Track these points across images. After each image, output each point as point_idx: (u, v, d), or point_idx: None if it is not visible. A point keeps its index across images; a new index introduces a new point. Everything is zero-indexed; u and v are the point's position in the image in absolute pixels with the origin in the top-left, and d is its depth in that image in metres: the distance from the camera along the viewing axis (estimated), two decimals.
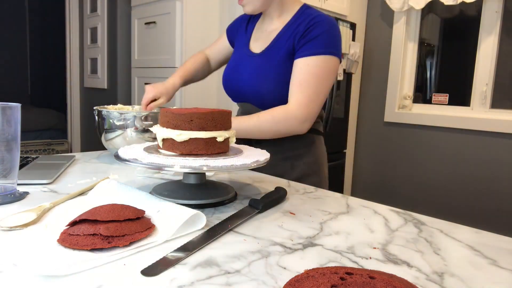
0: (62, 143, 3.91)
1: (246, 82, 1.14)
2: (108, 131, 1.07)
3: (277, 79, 1.09)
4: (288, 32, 1.10)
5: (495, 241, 0.63)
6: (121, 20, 2.85)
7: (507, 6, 2.30)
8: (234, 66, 1.20)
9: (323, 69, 1.05)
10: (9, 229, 0.57)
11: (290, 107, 1.05)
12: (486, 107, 2.38)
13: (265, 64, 1.11)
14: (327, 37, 1.05)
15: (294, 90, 1.05)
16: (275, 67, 1.09)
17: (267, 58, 1.11)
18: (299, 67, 1.05)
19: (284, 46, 1.09)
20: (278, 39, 1.11)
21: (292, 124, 1.05)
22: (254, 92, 1.12)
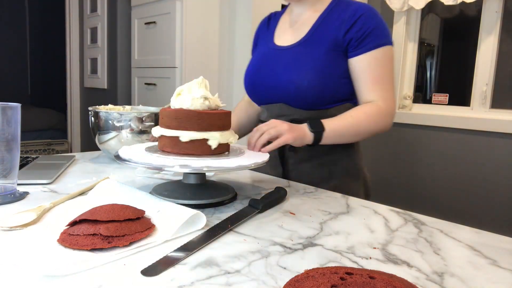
0: (62, 143, 3.91)
1: (280, 77, 1.02)
2: (102, 133, 1.05)
3: (320, 72, 0.98)
4: (327, 22, 1.02)
5: (495, 241, 0.63)
6: (121, 20, 2.85)
7: (507, 6, 2.30)
8: (259, 64, 1.09)
9: (390, 60, 1.00)
10: (9, 229, 0.57)
11: (381, 104, 0.97)
12: (486, 107, 2.38)
13: (303, 56, 1.01)
14: (382, 27, 0.99)
15: (371, 87, 0.98)
16: (317, 59, 0.99)
17: (305, 50, 1.01)
18: (367, 62, 0.98)
19: (326, 36, 1.00)
20: (316, 29, 1.02)
21: (386, 121, 0.98)
22: (292, 88, 1.00)
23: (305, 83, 0.98)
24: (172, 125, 0.73)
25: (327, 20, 1.02)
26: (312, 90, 0.98)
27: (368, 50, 0.97)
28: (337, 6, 1.03)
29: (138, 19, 2.69)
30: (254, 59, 1.14)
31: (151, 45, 2.60)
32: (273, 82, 1.04)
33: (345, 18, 0.99)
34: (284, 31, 1.10)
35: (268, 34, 1.14)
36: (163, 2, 2.44)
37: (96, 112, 1.05)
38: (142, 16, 2.65)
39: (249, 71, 1.13)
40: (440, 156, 2.48)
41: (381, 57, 0.98)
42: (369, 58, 0.98)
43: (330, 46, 0.99)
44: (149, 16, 2.58)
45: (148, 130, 1.05)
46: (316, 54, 0.99)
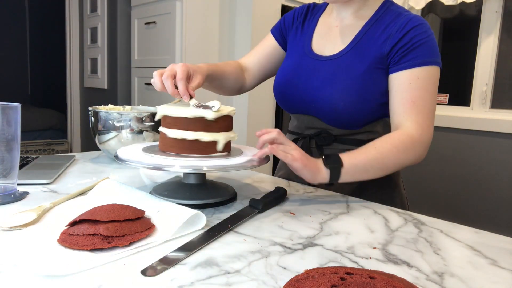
0: (62, 143, 3.91)
1: (315, 91, 0.92)
2: (102, 133, 1.05)
3: (359, 92, 0.88)
4: (372, 32, 0.90)
5: (495, 241, 0.63)
6: (121, 20, 2.85)
7: (507, 6, 2.30)
8: (293, 70, 0.98)
9: (434, 82, 0.86)
10: (9, 229, 0.57)
11: (413, 132, 0.83)
12: (486, 107, 2.38)
13: (342, 72, 0.90)
14: (432, 44, 0.86)
15: (407, 109, 0.84)
16: (359, 78, 0.88)
17: (347, 64, 0.90)
18: (407, 80, 0.85)
19: (370, 51, 0.89)
20: (360, 41, 0.91)
21: (419, 152, 0.84)
22: (326, 105, 0.90)
23: (340, 105, 0.89)
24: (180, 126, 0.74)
25: (373, 31, 0.91)
26: (347, 112, 0.89)
27: (411, 67, 0.85)
28: (386, 15, 0.91)
29: (138, 19, 2.69)
30: (288, 63, 1.01)
31: (151, 45, 2.60)
32: (306, 95, 0.94)
33: (393, 31, 0.87)
34: (323, 35, 0.99)
35: (304, 37, 1.02)
36: (163, 2, 2.44)
37: (96, 112, 1.05)
38: (142, 16, 2.65)
39: (281, 77, 1.01)
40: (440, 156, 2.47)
41: (425, 77, 0.85)
42: (411, 76, 0.85)
43: (373, 63, 0.88)
44: (149, 16, 2.58)
45: (148, 130, 1.05)
46: (357, 71, 0.88)
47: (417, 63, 0.85)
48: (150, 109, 1.16)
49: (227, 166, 0.68)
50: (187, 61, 2.41)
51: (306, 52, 0.98)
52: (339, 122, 0.92)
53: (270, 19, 2.51)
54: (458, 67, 2.67)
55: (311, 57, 0.96)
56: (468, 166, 2.41)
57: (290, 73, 0.99)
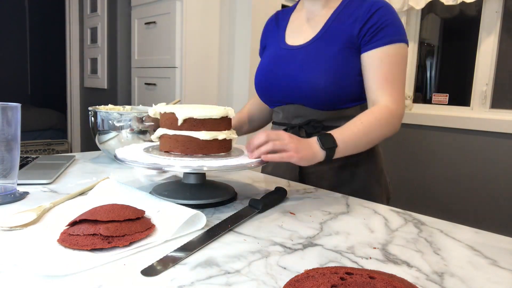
0: (62, 143, 3.91)
1: (295, 78, 0.97)
2: (102, 133, 1.05)
3: (335, 71, 0.93)
4: (341, 18, 0.97)
5: (495, 241, 0.63)
6: (121, 20, 2.85)
7: (507, 6, 2.30)
8: (270, 64, 1.04)
9: (403, 58, 0.93)
10: (9, 229, 0.57)
11: (391, 106, 0.90)
12: (486, 107, 2.38)
13: (318, 54, 0.96)
14: (398, 23, 0.93)
15: (381, 85, 0.91)
16: (332, 58, 0.94)
17: (321, 48, 0.96)
18: (378, 58, 0.92)
19: (340, 33, 0.95)
20: (330, 26, 0.98)
21: (397, 124, 0.92)
22: (308, 89, 0.95)
23: (321, 84, 0.93)
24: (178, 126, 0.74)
25: (341, 16, 0.98)
26: (328, 90, 0.94)
27: (381, 45, 0.92)
28: (352, 2, 0.98)
29: (138, 19, 2.69)
30: (265, 60, 1.08)
31: (151, 45, 2.60)
32: (287, 83, 0.99)
33: (360, 13, 0.94)
34: (295, 29, 1.05)
35: (278, 34, 1.09)
36: (163, 2, 2.44)
37: (96, 112, 1.05)
38: (142, 16, 2.65)
39: (260, 73, 1.07)
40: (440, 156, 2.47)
41: (394, 54, 0.92)
42: (381, 53, 0.92)
43: (345, 44, 0.95)
44: (149, 16, 2.58)
45: (148, 130, 1.05)
46: (331, 52, 0.95)
47: (386, 42, 0.92)
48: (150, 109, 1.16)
49: (227, 166, 0.68)
50: (187, 61, 2.41)
51: (281, 46, 1.04)
52: (322, 103, 0.96)
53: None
54: (458, 67, 2.67)
55: (286, 48, 1.03)
56: (468, 166, 2.41)
57: (267, 66, 1.05)
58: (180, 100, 0.81)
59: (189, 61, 2.42)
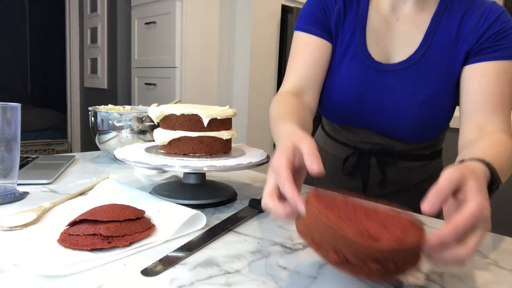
0: (62, 143, 3.91)
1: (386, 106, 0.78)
2: (102, 133, 1.05)
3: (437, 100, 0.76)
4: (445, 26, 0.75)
5: (495, 241, 0.63)
6: (121, 20, 2.85)
7: (507, 6, 2.30)
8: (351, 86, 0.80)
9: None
10: (9, 229, 0.57)
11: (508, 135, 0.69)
12: None
13: (420, 80, 0.76)
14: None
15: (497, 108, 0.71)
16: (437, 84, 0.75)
17: (423, 71, 0.76)
18: (495, 73, 0.71)
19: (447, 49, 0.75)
20: (433, 39, 0.76)
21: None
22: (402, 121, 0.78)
23: (417, 116, 0.77)
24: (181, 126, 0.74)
25: (444, 24, 0.76)
26: (423, 123, 0.78)
27: (499, 58, 0.71)
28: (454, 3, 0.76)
29: (138, 19, 2.69)
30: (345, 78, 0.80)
31: (151, 45, 2.60)
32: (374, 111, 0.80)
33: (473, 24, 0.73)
34: (380, 33, 0.79)
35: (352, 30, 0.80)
36: (163, 2, 2.44)
37: (96, 112, 1.05)
38: (142, 16, 2.65)
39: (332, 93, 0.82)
40: None
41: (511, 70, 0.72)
42: (499, 68, 0.71)
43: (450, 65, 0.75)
44: (149, 16, 2.58)
45: (148, 130, 1.05)
46: (435, 77, 0.75)
47: (505, 55, 0.71)
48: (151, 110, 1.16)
49: (227, 166, 0.68)
50: (187, 61, 2.41)
51: (364, 60, 0.79)
52: (409, 137, 0.80)
53: (270, 19, 2.51)
54: None
55: (374, 67, 0.78)
56: None
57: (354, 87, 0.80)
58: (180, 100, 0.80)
59: (189, 61, 2.42)
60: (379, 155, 0.85)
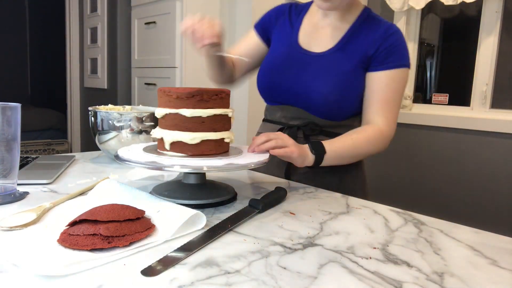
0: (62, 143, 3.91)
1: (307, 84, 0.99)
2: (102, 133, 1.05)
3: (346, 86, 0.98)
4: (357, 35, 1.01)
5: (495, 241, 0.63)
6: (121, 20, 2.85)
7: (507, 6, 2.30)
8: (282, 62, 1.05)
9: (403, 83, 1.00)
10: (9, 229, 0.57)
11: (383, 128, 0.97)
12: (486, 107, 2.38)
13: (334, 66, 0.99)
14: (406, 49, 1.00)
15: (380, 107, 0.98)
16: (346, 73, 0.98)
17: (337, 61, 1.00)
18: (384, 81, 0.98)
19: (357, 51, 0.99)
20: (348, 41, 1.01)
21: (384, 145, 0.99)
22: (318, 98, 0.99)
23: (331, 97, 0.98)
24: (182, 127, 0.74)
25: (357, 34, 1.01)
26: (335, 103, 0.99)
27: (389, 68, 0.97)
28: (367, 21, 1.02)
29: (138, 19, 2.69)
30: (274, 57, 1.08)
31: (151, 45, 2.60)
32: (298, 87, 1.01)
33: (377, 36, 0.98)
34: (309, 34, 1.06)
35: (290, 32, 1.08)
36: (163, 2, 2.44)
37: (96, 112, 1.05)
38: (142, 16, 2.65)
39: (268, 69, 1.07)
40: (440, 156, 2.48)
41: (398, 78, 0.98)
42: (388, 77, 0.97)
43: (359, 61, 0.99)
44: (149, 16, 2.58)
45: (148, 130, 1.05)
46: (346, 67, 0.98)
47: (394, 66, 0.97)
48: (150, 109, 1.16)
49: (227, 166, 0.68)
50: (187, 61, 2.42)
51: (294, 46, 1.05)
52: (326, 114, 1.01)
53: None
54: (458, 67, 2.67)
55: (300, 51, 1.04)
56: (468, 166, 2.41)
57: (279, 64, 1.05)
58: None
59: (189, 61, 2.42)
60: (305, 128, 1.03)
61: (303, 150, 0.86)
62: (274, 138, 0.82)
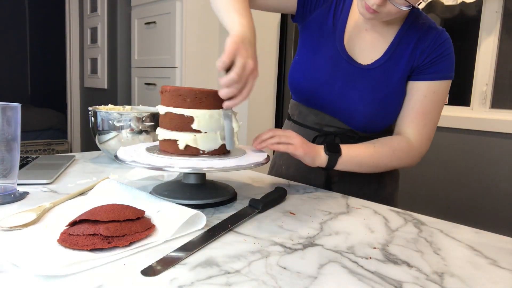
0: (62, 143, 3.91)
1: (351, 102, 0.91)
2: (102, 133, 1.05)
3: (391, 102, 0.91)
4: (406, 40, 0.90)
5: (495, 241, 0.63)
6: (121, 20, 2.85)
7: (507, 6, 2.30)
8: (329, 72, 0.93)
9: (445, 95, 0.91)
10: (9, 229, 0.57)
11: (414, 142, 0.89)
12: (486, 107, 2.38)
13: (380, 84, 0.90)
14: (453, 57, 0.90)
15: (415, 119, 0.89)
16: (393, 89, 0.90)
17: (383, 77, 0.90)
18: (423, 92, 0.89)
19: (404, 62, 0.89)
20: (395, 51, 0.90)
21: (412, 161, 0.91)
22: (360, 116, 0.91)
23: (375, 117, 0.91)
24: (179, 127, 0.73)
25: (405, 42, 0.90)
26: (378, 121, 0.93)
27: (432, 79, 0.88)
28: (415, 25, 0.91)
29: (138, 19, 2.69)
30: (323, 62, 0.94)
31: (151, 45, 2.60)
32: (340, 102, 0.93)
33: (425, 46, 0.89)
34: (353, 36, 0.93)
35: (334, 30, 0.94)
36: (163, 2, 2.44)
37: (96, 112, 1.05)
38: (142, 16, 2.65)
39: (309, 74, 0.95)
40: (440, 156, 2.47)
41: (440, 91, 0.89)
42: (428, 89, 0.89)
43: (405, 72, 0.90)
44: (149, 16, 2.58)
45: (148, 130, 1.05)
46: (392, 83, 0.90)
47: (438, 76, 0.88)
48: (150, 109, 1.16)
49: (227, 166, 0.68)
50: (187, 61, 2.41)
51: (340, 51, 0.93)
52: (366, 129, 0.94)
53: (270, 19, 2.51)
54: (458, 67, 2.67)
55: (347, 61, 0.92)
56: (468, 166, 2.41)
57: (325, 74, 0.93)
58: None
59: (189, 61, 2.42)
60: (342, 136, 0.96)
61: (311, 149, 0.82)
62: (279, 135, 0.81)
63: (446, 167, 2.47)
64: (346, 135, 0.96)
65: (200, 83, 2.48)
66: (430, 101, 0.89)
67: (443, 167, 2.48)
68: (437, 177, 2.52)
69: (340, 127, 0.96)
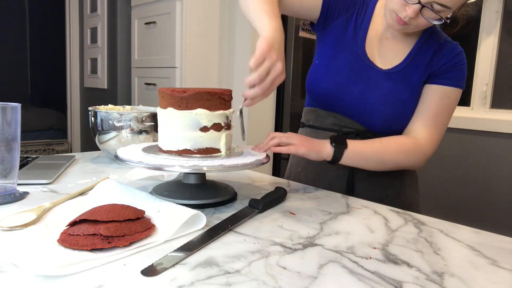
0: (62, 143, 3.91)
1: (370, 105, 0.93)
2: (102, 133, 1.05)
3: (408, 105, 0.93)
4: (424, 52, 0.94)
5: (495, 241, 0.63)
6: (121, 20, 2.85)
7: (507, 6, 2.30)
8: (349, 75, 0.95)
9: (455, 103, 0.94)
10: (9, 229, 0.57)
11: (422, 142, 0.91)
12: (486, 107, 2.38)
13: (399, 88, 0.93)
14: (465, 70, 0.95)
15: (426, 120, 0.92)
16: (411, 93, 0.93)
17: (402, 81, 0.93)
18: (437, 95, 0.92)
19: (422, 68, 0.93)
20: (414, 58, 0.94)
21: (418, 160, 0.92)
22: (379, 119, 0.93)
23: (393, 120, 0.94)
24: None
25: (424, 50, 0.94)
26: (397, 123, 0.94)
27: (446, 84, 0.92)
28: (433, 37, 0.96)
29: (138, 19, 2.69)
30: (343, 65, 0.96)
31: (151, 45, 2.60)
32: (361, 106, 0.94)
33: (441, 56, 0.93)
34: (374, 43, 0.96)
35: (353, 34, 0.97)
36: (163, 2, 2.44)
37: (96, 112, 1.05)
38: (142, 16, 2.65)
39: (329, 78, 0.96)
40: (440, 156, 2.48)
41: (452, 97, 0.93)
42: (443, 93, 0.92)
43: (422, 77, 0.93)
44: (149, 16, 2.58)
45: (148, 130, 1.05)
46: (410, 88, 0.93)
47: (452, 83, 0.92)
48: (150, 109, 1.16)
49: (227, 166, 0.68)
50: (187, 61, 2.41)
51: (362, 57, 0.95)
52: (385, 131, 0.95)
53: None
54: None
55: (367, 63, 0.95)
56: (468, 166, 2.41)
57: (346, 77, 0.95)
58: None
59: (189, 61, 2.42)
60: (363, 136, 0.97)
61: (314, 145, 0.83)
62: (279, 136, 0.82)
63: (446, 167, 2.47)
64: (365, 135, 0.96)
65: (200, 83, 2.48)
66: (442, 105, 0.92)
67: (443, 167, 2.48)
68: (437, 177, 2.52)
69: (358, 129, 0.97)
